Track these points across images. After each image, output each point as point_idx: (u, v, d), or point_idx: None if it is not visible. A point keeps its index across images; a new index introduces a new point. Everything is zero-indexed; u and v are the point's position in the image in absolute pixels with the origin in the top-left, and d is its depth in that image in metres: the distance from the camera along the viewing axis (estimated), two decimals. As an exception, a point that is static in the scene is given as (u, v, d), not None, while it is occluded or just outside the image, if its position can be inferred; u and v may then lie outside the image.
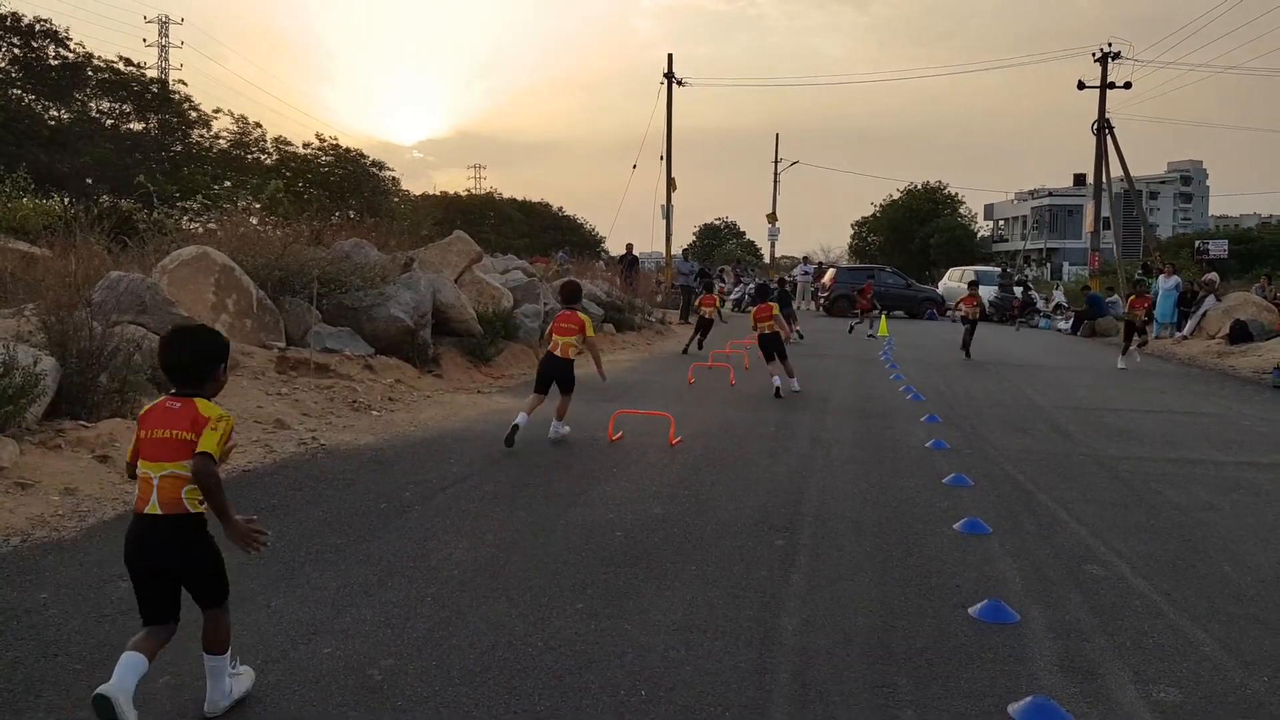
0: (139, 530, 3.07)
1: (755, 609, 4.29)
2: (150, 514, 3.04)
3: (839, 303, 31.77)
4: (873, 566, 4.97)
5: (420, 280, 12.40)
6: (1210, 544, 5.59)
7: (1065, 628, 4.17)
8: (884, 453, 8.10)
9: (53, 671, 3.46)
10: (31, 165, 19.45)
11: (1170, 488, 7.02)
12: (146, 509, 3.05)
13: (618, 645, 3.83)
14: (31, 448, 6.11)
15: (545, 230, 63.34)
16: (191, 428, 3.05)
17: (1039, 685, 3.57)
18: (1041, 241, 73.22)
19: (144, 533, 3.06)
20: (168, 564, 3.08)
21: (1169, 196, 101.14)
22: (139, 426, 3.15)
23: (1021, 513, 6.18)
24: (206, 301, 10.03)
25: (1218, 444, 8.96)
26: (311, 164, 41.33)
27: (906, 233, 61.65)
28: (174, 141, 34.93)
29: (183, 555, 3.09)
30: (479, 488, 6.43)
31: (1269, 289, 22.28)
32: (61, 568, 4.59)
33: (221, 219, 14.59)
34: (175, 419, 3.08)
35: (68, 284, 8.41)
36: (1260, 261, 36.01)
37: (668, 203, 34.08)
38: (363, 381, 10.04)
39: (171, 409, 3.11)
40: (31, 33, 30.96)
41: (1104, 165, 31.36)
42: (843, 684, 3.54)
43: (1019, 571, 4.95)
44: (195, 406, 3.10)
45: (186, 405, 3.11)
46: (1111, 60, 30.96)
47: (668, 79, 33.94)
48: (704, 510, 5.99)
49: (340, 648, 3.73)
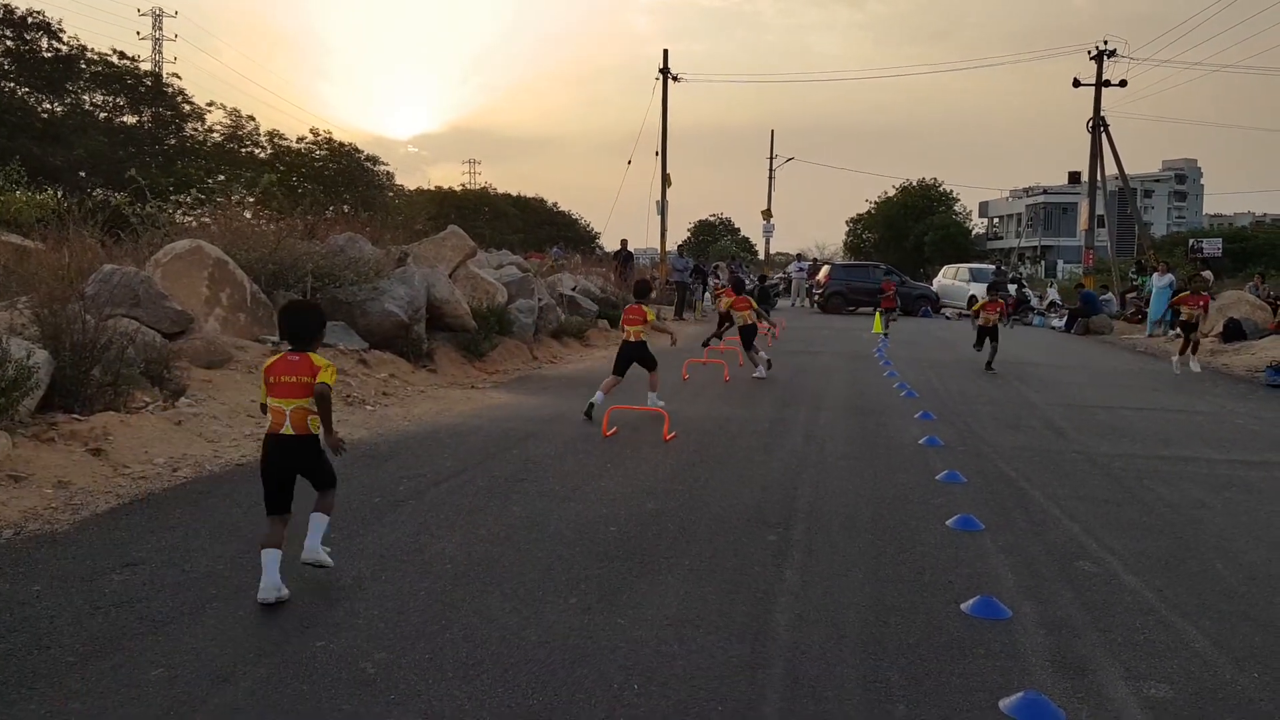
0: (278, 445, 4.37)
1: (748, 604, 4.30)
2: (285, 434, 4.35)
3: (833, 300, 31.78)
4: (866, 562, 4.98)
5: (415, 275, 12.38)
6: (1202, 541, 5.61)
7: (1057, 624, 4.19)
8: (877, 449, 8.12)
9: (45, 664, 3.46)
10: (25, 158, 19.38)
11: (1163, 485, 7.04)
12: (282, 430, 4.35)
13: (611, 639, 3.84)
14: (24, 440, 6.10)
15: (540, 226, 63.22)
16: (309, 373, 4.30)
17: (1030, 681, 3.58)
18: (1036, 239, 73.35)
19: (282, 446, 4.37)
20: (297, 465, 4.42)
21: (1163, 195, 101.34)
22: (266, 375, 4.36)
23: (1014, 509, 6.19)
24: (200, 295, 10.01)
25: (1210, 442, 8.99)
26: (306, 158, 41.24)
27: (901, 230, 61.66)
28: (168, 135, 34.77)
29: (307, 459, 4.43)
30: (472, 482, 6.43)
31: (1263, 288, 22.35)
32: (54, 560, 4.58)
33: (215, 212, 14.55)
34: (297, 368, 4.32)
35: (61, 277, 8.39)
36: (1254, 260, 36.15)
37: (662, 199, 34.04)
38: (357, 376, 10.03)
39: (292, 361, 4.35)
40: (25, 25, 30.79)
41: (1099, 163, 31.43)
42: (835, 679, 3.55)
43: (1011, 568, 4.96)
44: (310, 359, 4.34)
45: (303, 358, 4.35)
46: (1107, 58, 31.04)
47: (663, 74, 33.90)
48: (698, 506, 6.00)
49: (333, 641, 3.73)
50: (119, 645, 3.63)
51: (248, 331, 10.31)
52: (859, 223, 67.11)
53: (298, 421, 4.35)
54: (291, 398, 4.34)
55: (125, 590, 4.21)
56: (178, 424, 7.21)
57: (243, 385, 8.64)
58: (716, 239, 71.22)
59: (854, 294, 32.05)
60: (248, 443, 7.22)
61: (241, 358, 9.38)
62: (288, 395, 4.34)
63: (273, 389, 4.36)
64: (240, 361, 9.29)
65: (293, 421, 4.34)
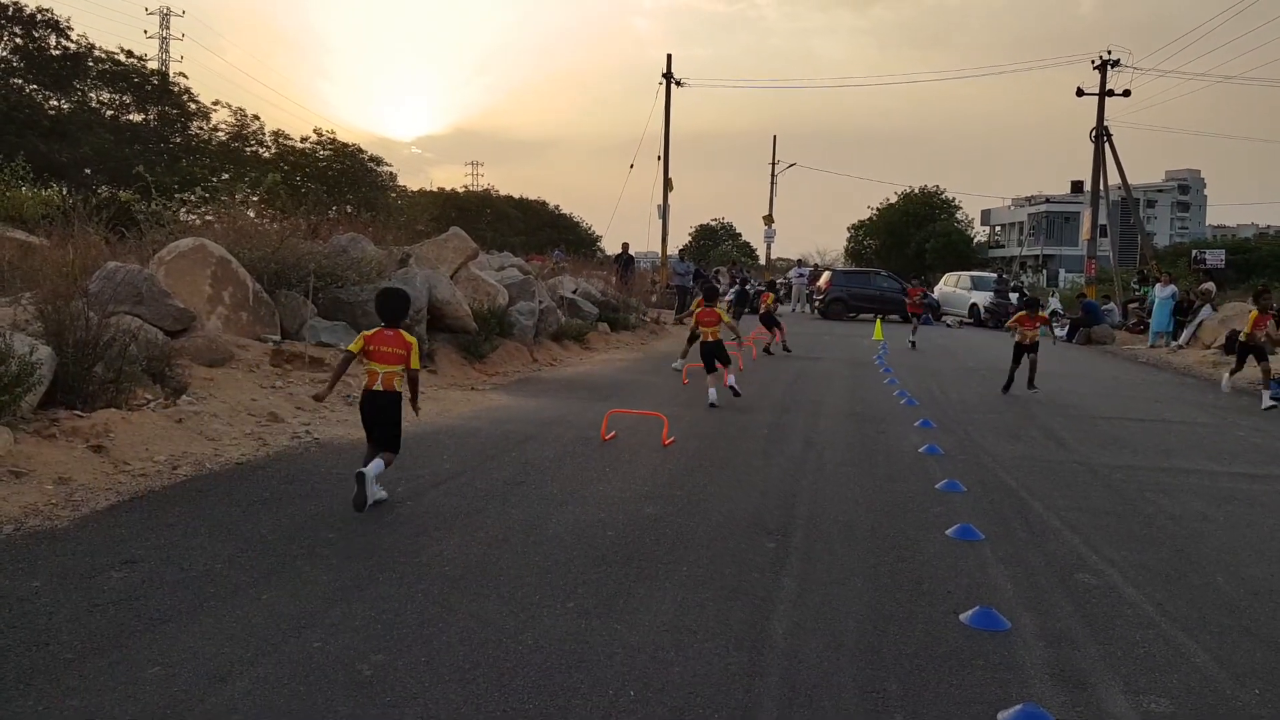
0: (371, 398, 5.75)
1: (746, 611, 4.29)
2: (380, 390, 5.72)
3: (834, 306, 31.76)
4: (864, 571, 4.97)
5: (416, 276, 12.38)
6: (1203, 555, 5.60)
7: (1056, 636, 4.18)
8: (877, 457, 8.11)
9: (44, 660, 3.45)
10: (31, 155, 19.37)
11: (1164, 497, 7.03)
12: (376, 386, 5.72)
13: (608, 645, 3.83)
14: (26, 436, 6.10)
15: (541, 228, 63.24)
16: (402, 346, 5.74)
17: (1029, 693, 3.57)
18: (1038, 248, 73.29)
19: (373, 399, 5.74)
20: (386, 416, 5.76)
21: (1166, 205, 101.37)
22: (367, 342, 5.72)
23: (1014, 519, 6.18)
24: (203, 293, 10.01)
25: (1212, 454, 8.97)
26: (309, 158, 41.23)
27: (903, 237, 61.61)
28: (173, 133, 34.80)
29: (390, 410, 5.76)
30: (471, 485, 6.43)
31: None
32: (54, 557, 4.58)
33: (219, 211, 14.55)
34: (392, 341, 5.75)
35: (65, 274, 8.41)
36: (1257, 272, 36.09)
37: (664, 202, 34.09)
38: (359, 376, 10.02)
39: (388, 335, 5.77)
40: (33, 22, 30.86)
41: (1102, 173, 31.42)
42: (832, 688, 3.54)
43: (1011, 579, 4.95)
44: (401, 334, 5.79)
45: (396, 333, 5.79)
46: (1111, 68, 31.01)
47: (666, 79, 33.94)
48: (696, 511, 5.99)
49: (330, 642, 3.73)
50: (117, 643, 3.63)
51: (250, 330, 10.31)
52: (860, 229, 67.07)
53: (387, 382, 5.73)
54: (385, 364, 5.71)
55: (124, 588, 4.21)
56: (179, 422, 7.21)
57: (244, 384, 8.64)
58: (718, 243, 71.20)
59: (855, 300, 32.04)
60: (248, 441, 7.22)
61: (243, 356, 9.38)
62: (383, 361, 5.72)
63: (371, 355, 5.71)
64: (242, 360, 9.29)
65: (383, 382, 5.72)
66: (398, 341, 5.72)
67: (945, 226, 61.42)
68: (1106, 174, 31.52)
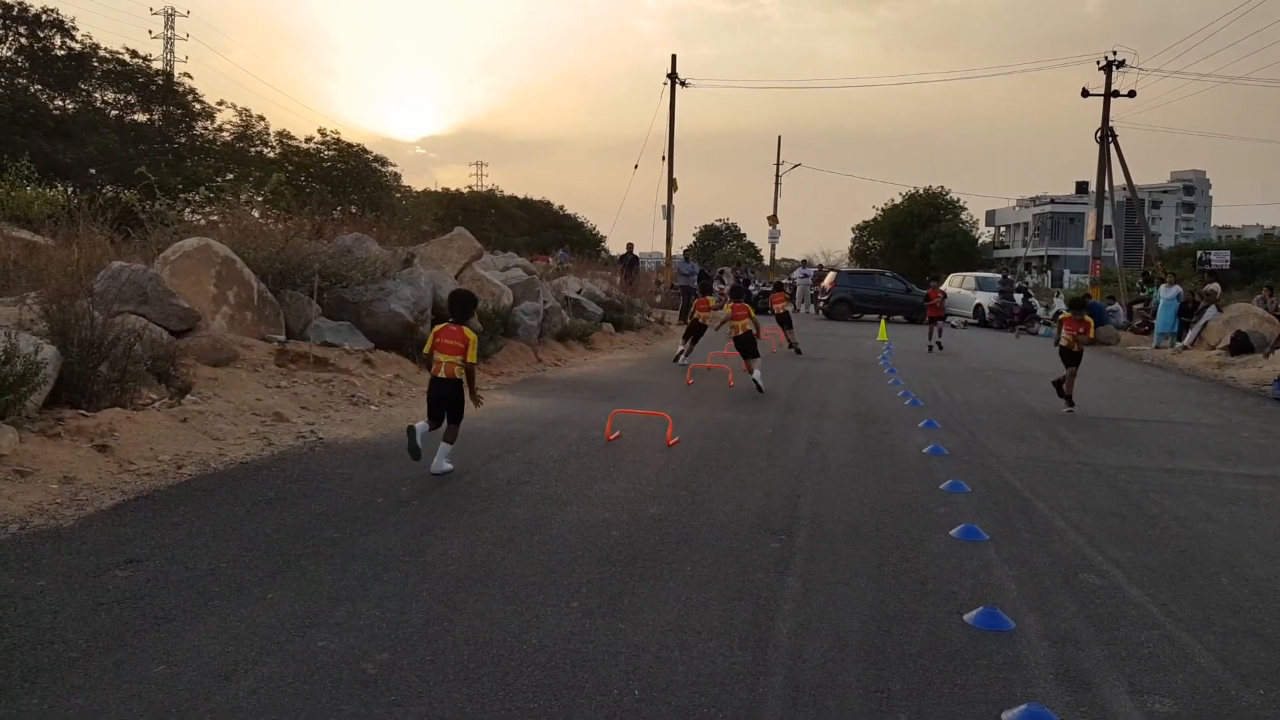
0: (436, 383, 6.69)
1: (750, 611, 4.29)
2: (444, 377, 6.64)
3: (839, 306, 31.75)
4: (868, 571, 4.97)
5: (421, 276, 12.40)
6: (1208, 555, 5.59)
7: (1061, 636, 4.17)
8: (881, 457, 8.10)
9: (49, 659, 3.46)
10: (36, 155, 19.41)
11: (1168, 498, 7.02)
12: (439, 374, 6.65)
13: (612, 644, 3.83)
14: (31, 436, 6.11)
15: (546, 228, 63.29)
16: (463, 340, 6.63)
17: (1033, 693, 3.57)
18: (1043, 249, 73.21)
19: (438, 384, 6.68)
20: (446, 397, 6.68)
21: (1171, 206, 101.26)
22: (434, 336, 6.71)
23: (1018, 520, 6.17)
24: (208, 293, 10.03)
25: (1217, 455, 8.96)
26: (314, 158, 41.26)
27: (907, 237, 61.61)
28: (178, 133, 34.82)
29: (453, 394, 6.69)
30: (475, 484, 6.43)
31: (1270, 300, 22.27)
32: (59, 556, 4.59)
33: (224, 211, 14.57)
34: (455, 335, 6.65)
35: (70, 273, 8.43)
36: (1262, 273, 36.05)
37: (668, 203, 34.07)
38: (362, 376, 10.04)
39: (453, 329, 6.66)
40: (38, 22, 30.91)
41: (1107, 173, 31.37)
42: (837, 688, 3.54)
43: (1015, 579, 4.95)
44: (463, 330, 6.67)
45: (459, 329, 6.67)
46: (1116, 68, 30.97)
47: (671, 80, 33.93)
48: (700, 511, 5.99)
49: (335, 641, 3.73)
50: (122, 642, 3.64)
51: (254, 330, 10.32)
52: (865, 229, 67.08)
53: (449, 371, 6.64)
54: (449, 354, 6.64)
55: (128, 587, 4.22)
56: (183, 421, 7.22)
57: (248, 383, 8.65)
58: (722, 244, 71.23)
59: (859, 301, 32.03)
60: (252, 441, 7.23)
61: (248, 356, 9.39)
62: (447, 352, 6.64)
63: (438, 346, 6.67)
64: (246, 360, 9.30)
65: (445, 370, 6.64)
66: (459, 336, 6.63)
67: (950, 227, 61.42)
68: (1111, 175, 31.50)
